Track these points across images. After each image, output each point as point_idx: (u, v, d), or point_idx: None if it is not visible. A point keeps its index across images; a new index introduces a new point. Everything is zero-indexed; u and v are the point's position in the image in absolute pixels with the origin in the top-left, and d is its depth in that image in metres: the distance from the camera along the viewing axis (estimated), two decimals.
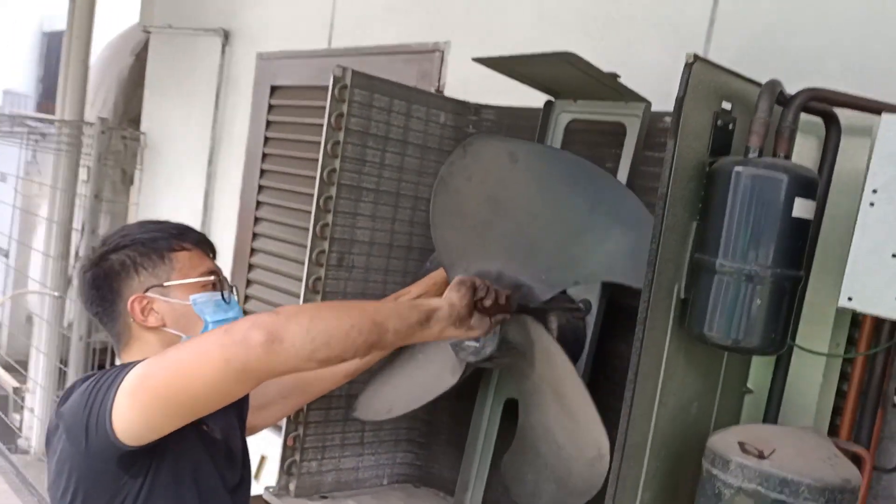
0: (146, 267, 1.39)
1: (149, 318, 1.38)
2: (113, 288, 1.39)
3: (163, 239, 1.40)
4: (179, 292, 1.39)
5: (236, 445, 1.51)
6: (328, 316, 1.20)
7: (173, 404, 1.18)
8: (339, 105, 1.78)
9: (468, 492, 1.75)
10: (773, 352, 1.17)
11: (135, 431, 1.19)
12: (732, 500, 1.12)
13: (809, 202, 1.13)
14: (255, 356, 1.12)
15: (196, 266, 1.42)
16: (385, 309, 1.28)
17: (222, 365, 1.13)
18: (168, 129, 3.89)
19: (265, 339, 1.12)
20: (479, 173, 1.57)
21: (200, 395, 1.17)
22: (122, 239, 1.40)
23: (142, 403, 1.18)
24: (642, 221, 1.43)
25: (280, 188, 3.16)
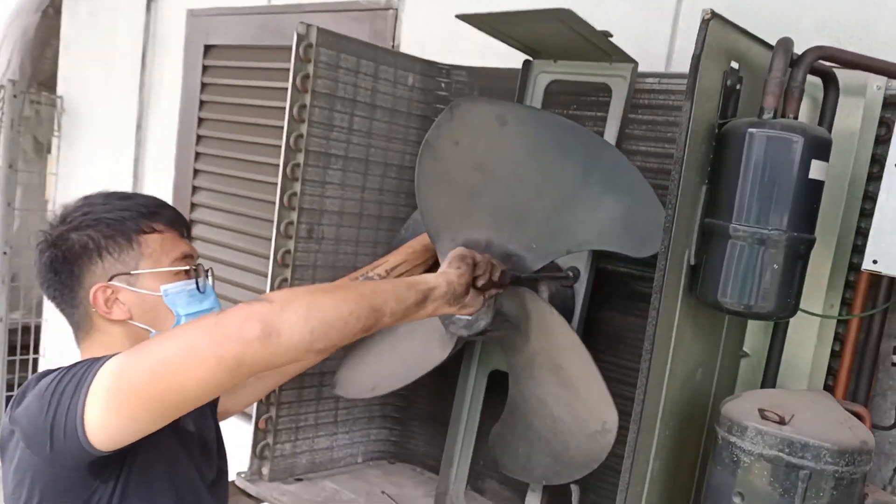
0: (111, 252, 1.25)
1: (113, 310, 1.25)
2: (73, 273, 1.25)
3: (131, 219, 1.26)
4: (149, 281, 1.27)
5: (210, 436, 1.41)
6: (326, 304, 1.09)
7: (158, 406, 1.06)
8: (304, 66, 1.66)
9: (453, 466, 1.70)
10: (787, 316, 1.16)
11: (111, 436, 1.07)
12: (751, 466, 1.10)
13: (825, 164, 1.11)
14: (251, 352, 1.02)
15: (168, 251, 1.29)
16: (382, 291, 1.19)
17: (215, 363, 1.02)
18: (88, 92, 3.62)
19: (261, 334, 1.01)
20: (467, 138, 1.49)
21: (190, 395, 1.06)
22: (84, 217, 1.25)
23: (121, 406, 1.06)
24: (636, 187, 1.39)
25: (220, 155, 2.99)
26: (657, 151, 1.59)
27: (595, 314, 1.62)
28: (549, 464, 1.46)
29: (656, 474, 1.24)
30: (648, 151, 1.60)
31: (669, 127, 1.58)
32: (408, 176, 1.88)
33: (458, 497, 1.70)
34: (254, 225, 2.82)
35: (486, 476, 1.82)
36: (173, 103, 3.13)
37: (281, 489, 1.74)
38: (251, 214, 2.84)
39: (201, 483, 1.33)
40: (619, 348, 1.62)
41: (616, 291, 1.65)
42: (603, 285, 1.62)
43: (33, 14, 4.76)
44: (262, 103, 2.79)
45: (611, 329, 1.64)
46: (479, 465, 1.81)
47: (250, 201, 2.84)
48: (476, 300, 1.34)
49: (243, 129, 2.88)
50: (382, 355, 1.63)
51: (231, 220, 2.90)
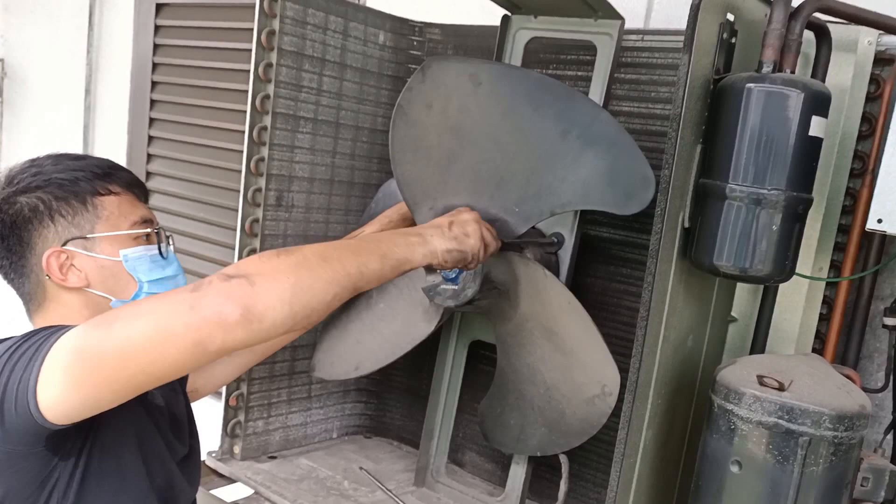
0: (64, 214, 1.14)
1: (69, 277, 1.15)
2: (22, 238, 1.14)
3: (85, 180, 1.15)
4: (107, 246, 1.16)
5: (180, 411, 1.33)
6: (313, 287, 1.00)
7: (124, 386, 0.98)
8: (269, 21, 1.57)
9: (434, 439, 1.66)
10: (783, 279, 1.12)
11: (69, 411, 0.98)
12: (749, 434, 1.07)
13: (824, 120, 1.07)
14: (232, 338, 0.93)
15: (127, 214, 1.19)
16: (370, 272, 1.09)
17: (191, 346, 0.93)
18: (32, 54, 3.42)
19: (241, 318, 0.93)
20: (440, 100, 1.41)
21: (158, 375, 0.98)
22: (34, 178, 1.14)
23: (80, 382, 0.96)
24: (617, 140, 1.34)
25: (175, 121, 2.86)
26: (641, 111, 1.54)
27: (577, 281, 1.57)
28: (544, 434, 1.42)
29: (649, 444, 1.21)
30: (632, 112, 1.55)
31: (653, 86, 1.53)
32: (380, 140, 1.80)
33: (440, 470, 1.66)
34: (216, 194, 2.71)
35: (466, 448, 1.78)
36: (124, 66, 2.97)
37: (254, 468, 1.68)
38: (212, 183, 2.73)
39: (171, 459, 1.24)
40: (602, 316, 1.58)
41: (599, 257, 1.60)
42: (585, 251, 1.57)
43: None
44: (220, 65, 2.66)
45: (594, 296, 1.60)
46: (459, 437, 1.77)
47: (210, 169, 2.72)
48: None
49: (201, 92, 2.75)
50: (363, 334, 1.56)
51: (191, 190, 2.79)
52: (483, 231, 1.30)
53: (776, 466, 1.06)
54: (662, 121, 1.51)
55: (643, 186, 1.29)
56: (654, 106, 1.53)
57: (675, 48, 1.49)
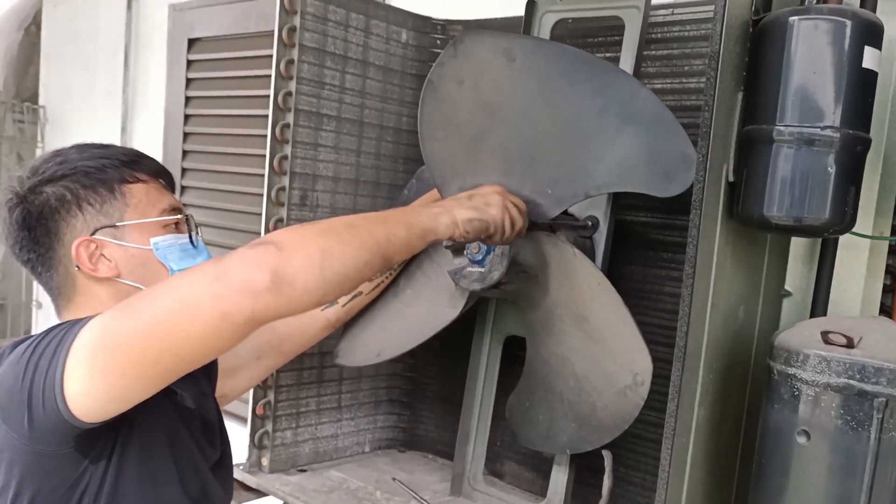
0: (92, 203, 1.11)
1: (99, 267, 1.11)
2: (49, 229, 1.10)
3: (112, 167, 1.13)
4: (136, 234, 1.13)
5: (212, 416, 1.27)
6: (344, 251, 0.96)
7: (151, 369, 0.92)
8: (290, 17, 1.55)
9: (470, 444, 1.56)
10: (844, 229, 1.03)
11: (97, 405, 0.93)
12: (816, 399, 0.97)
13: (878, 52, 0.99)
14: (262, 305, 0.88)
15: (155, 202, 1.16)
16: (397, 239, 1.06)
17: (219, 319, 0.88)
18: (71, 100, 3.50)
19: (272, 283, 0.88)
20: (472, 76, 1.36)
21: (187, 355, 0.92)
22: (59, 167, 1.10)
23: (106, 370, 0.91)
24: (657, 116, 1.26)
25: (208, 151, 2.87)
26: (674, 88, 1.47)
27: (615, 269, 1.48)
28: (574, 430, 1.32)
29: (702, 424, 1.11)
30: (665, 89, 1.48)
31: (686, 60, 1.46)
32: (405, 140, 1.76)
33: (476, 477, 1.56)
34: (244, 220, 2.70)
35: (504, 458, 1.67)
36: (158, 102, 3.01)
37: (283, 480, 1.59)
38: (245, 210, 2.71)
39: (204, 464, 1.18)
40: (642, 305, 1.48)
41: (636, 243, 1.51)
42: (622, 238, 1.49)
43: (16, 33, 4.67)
44: (249, 93, 2.68)
45: (633, 285, 1.50)
46: (497, 446, 1.67)
47: (242, 196, 2.71)
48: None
49: (231, 121, 2.77)
50: (388, 321, 1.49)
51: (223, 218, 2.77)
52: (507, 203, 1.23)
53: (849, 433, 0.95)
54: (698, 95, 1.44)
55: (684, 166, 1.21)
56: (688, 80, 1.45)
57: (706, 18, 1.43)
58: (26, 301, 4.28)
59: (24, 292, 4.31)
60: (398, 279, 1.50)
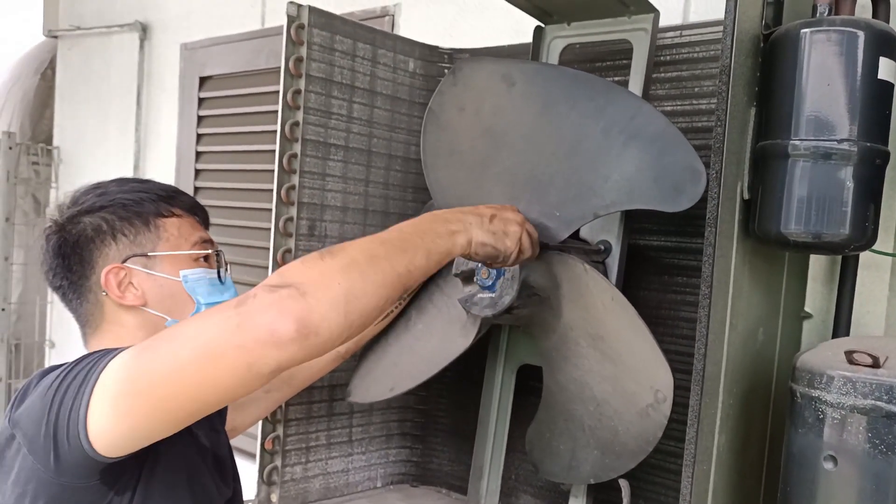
0: (126, 234, 1.13)
1: (126, 295, 1.12)
2: (83, 258, 1.12)
3: (149, 202, 1.16)
4: (167, 265, 1.15)
5: (224, 453, 1.26)
6: (366, 291, 0.92)
7: (174, 414, 0.91)
8: (296, 48, 1.55)
9: (484, 478, 1.51)
10: (865, 246, 0.99)
11: (119, 442, 0.92)
12: (843, 422, 0.92)
13: (893, 63, 0.96)
14: (287, 356, 0.85)
15: (188, 236, 1.18)
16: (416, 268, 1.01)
17: (244, 371, 0.85)
18: (85, 140, 3.54)
19: (297, 335, 0.84)
20: (472, 102, 1.36)
21: (211, 401, 0.90)
22: (98, 199, 1.13)
23: (130, 412, 0.90)
24: (663, 134, 1.25)
25: (219, 188, 2.88)
26: (684, 110, 1.46)
27: (629, 295, 1.44)
28: (597, 458, 1.27)
29: (723, 451, 1.06)
30: (675, 111, 1.46)
31: (696, 81, 1.44)
32: (414, 169, 1.75)
33: None
34: (257, 255, 2.69)
35: (520, 492, 1.63)
36: (170, 140, 3.04)
37: None
38: (254, 245, 2.71)
39: (219, 499, 1.18)
40: (659, 332, 1.44)
41: (650, 268, 1.48)
42: (635, 262, 1.46)
43: (32, 77, 4.76)
44: (260, 129, 2.69)
45: (647, 310, 1.46)
46: (512, 480, 1.62)
47: (253, 231, 2.71)
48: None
49: (242, 157, 2.78)
50: (400, 356, 1.46)
51: (234, 253, 2.76)
52: (523, 236, 1.21)
53: (878, 458, 0.90)
54: (709, 116, 1.42)
55: (693, 180, 1.19)
56: (698, 102, 1.44)
57: (716, 39, 1.41)
58: (39, 341, 4.29)
59: (37, 332, 4.32)
60: (410, 313, 1.47)
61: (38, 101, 4.67)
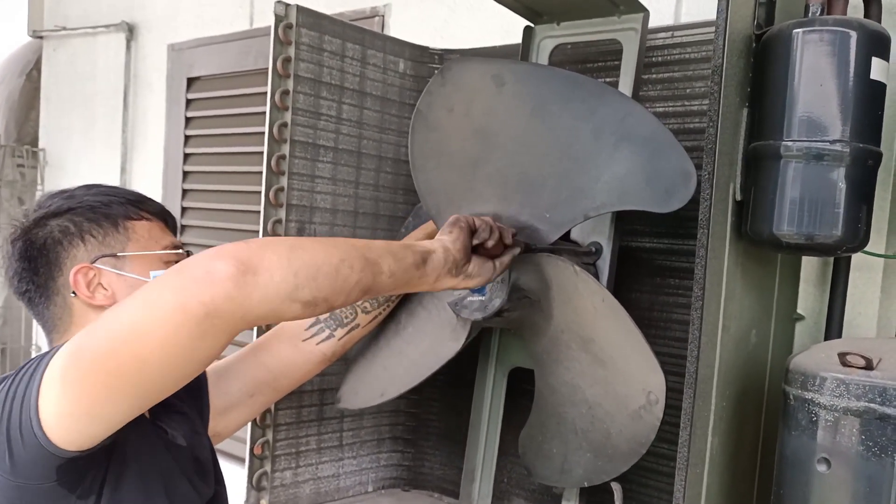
0: (95, 235, 1.11)
1: (95, 295, 1.09)
2: (50, 260, 1.10)
3: (118, 204, 1.13)
4: (137, 266, 1.12)
5: (204, 456, 1.23)
6: (312, 245, 0.93)
7: (123, 384, 0.87)
8: (284, 48, 1.53)
9: (476, 481, 1.50)
10: (857, 247, 0.99)
11: (75, 429, 0.89)
12: (837, 424, 0.92)
13: (886, 64, 0.96)
14: (222, 294, 0.82)
15: (158, 238, 1.16)
16: (377, 246, 1.00)
17: (180, 315, 0.82)
18: (71, 142, 3.50)
19: (235, 271, 0.82)
20: (462, 103, 1.34)
21: (154, 362, 0.86)
22: (65, 201, 1.11)
23: (77, 387, 0.87)
24: (654, 136, 1.24)
25: (207, 190, 2.85)
26: (676, 111, 1.45)
27: (620, 297, 1.43)
28: (589, 460, 1.27)
29: (716, 454, 1.06)
30: (667, 112, 1.46)
31: (688, 82, 1.44)
32: (404, 170, 1.73)
33: None
34: None
35: (512, 495, 1.62)
36: (158, 142, 3.01)
37: None
38: None
39: (199, 502, 1.15)
40: (650, 333, 1.42)
41: (642, 270, 1.48)
42: (627, 264, 1.45)
43: (17, 78, 4.71)
44: (248, 130, 2.67)
45: (639, 312, 1.45)
46: (504, 483, 1.61)
47: (241, 234, 2.69)
48: (483, 269, 1.16)
49: (230, 159, 2.76)
50: (390, 360, 1.44)
51: None
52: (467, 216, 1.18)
53: (872, 460, 0.90)
54: (700, 117, 1.41)
55: (684, 181, 1.18)
56: (690, 103, 1.43)
57: (707, 40, 1.41)
58: (26, 346, 4.25)
59: (23, 337, 4.29)
60: (400, 317, 1.46)
61: (24, 102, 4.62)
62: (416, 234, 1.52)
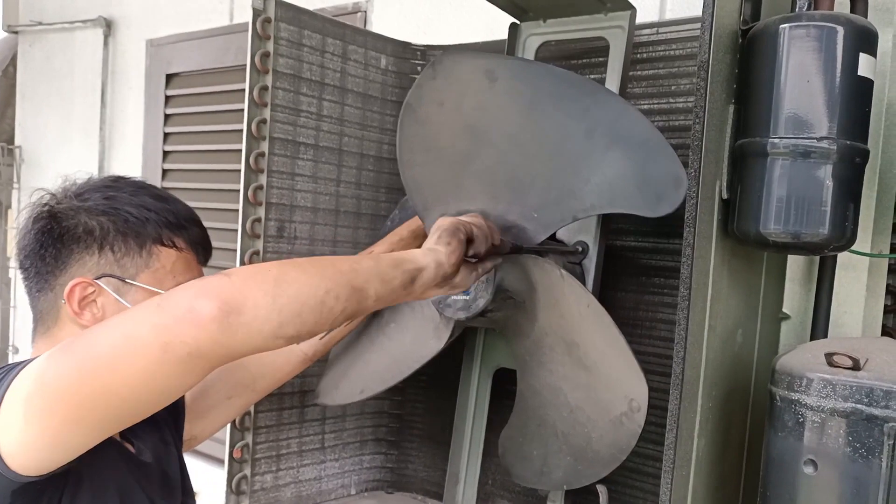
0: (115, 250, 1.05)
1: (84, 314, 1.04)
2: (60, 254, 1.04)
3: (154, 224, 1.07)
4: (139, 298, 1.05)
5: (173, 468, 1.18)
6: (297, 278, 0.88)
7: (92, 414, 0.83)
8: (263, 43, 1.50)
9: (460, 483, 1.48)
10: (844, 246, 0.98)
11: (35, 456, 0.85)
12: (823, 425, 0.91)
13: (873, 59, 0.95)
14: (206, 336, 0.79)
15: (178, 273, 1.10)
16: (365, 270, 0.96)
17: (159, 353, 0.79)
18: (47, 139, 3.44)
19: (218, 312, 0.79)
20: (453, 97, 1.32)
21: (130, 398, 0.83)
22: (105, 201, 1.05)
23: (42, 417, 0.83)
24: (647, 139, 1.22)
25: (187, 188, 2.81)
26: (662, 108, 1.44)
27: (606, 296, 1.43)
28: (569, 464, 1.25)
29: (702, 454, 1.04)
30: (652, 109, 1.44)
31: (673, 79, 1.42)
32: (387, 168, 1.71)
33: None
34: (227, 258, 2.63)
35: (496, 497, 1.60)
36: (136, 139, 2.96)
37: None
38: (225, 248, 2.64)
39: None
40: (636, 333, 1.43)
41: (628, 269, 1.46)
42: (613, 263, 1.43)
43: None
44: (228, 128, 2.63)
45: (625, 312, 1.44)
46: (488, 485, 1.59)
47: (223, 233, 2.64)
48: (468, 277, 1.12)
49: (210, 157, 2.72)
50: (371, 355, 1.42)
51: None
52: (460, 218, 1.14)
53: (859, 462, 0.89)
54: (686, 114, 1.40)
55: (674, 186, 1.16)
56: (675, 100, 1.42)
57: (693, 37, 1.40)
58: (2, 347, 4.17)
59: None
60: (383, 313, 1.43)
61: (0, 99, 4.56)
62: (401, 231, 1.50)
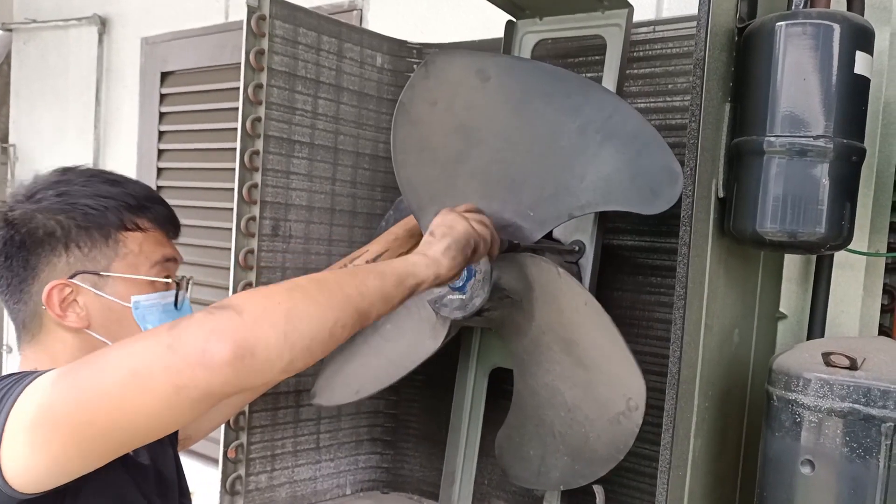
0: (81, 246, 1.02)
1: (68, 315, 1.02)
2: (28, 262, 1.02)
3: (114, 210, 1.04)
4: (119, 287, 1.05)
5: (169, 469, 1.17)
6: (310, 313, 0.86)
7: (96, 444, 0.83)
8: (257, 40, 1.49)
9: (456, 483, 1.48)
10: (841, 245, 0.97)
11: (37, 476, 0.84)
12: (821, 425, 0.90)
13: (870, 58, 0.94)
14: (220, 380, 0.79)
15: (148, 253, 1.07)
16: (371, 292, 0.95)
17: (172, 394, 0.79)
18: (42, 137, 3.43)
19: (232, 356, 0.78)
20: (445, 97, 1.32)
21: (139, 432, 0.84)
22: (57, 199, 1.02)
23: (47, 445, 0.82)
24: (641, 134, 1.22)
25: (182, 186, 2.80)
26: (658, 107, 1.43)
27: (603, 296, 1.42)
28: (566, 464, 1.24)
29: (699, 456, 1.04)
30: (649, 108, 1.44)
31: (669, 77, 1.42)
32: (382, 167, 1.70)
33: None
34: (220, 256, 2.62)
35: (492, 497, 1.59)
36: (131, 137, 2.95)
37: None
38: (218, 246, 2.64)
39: None
40: (632, 332, 1.42)
41: (624, 268, 1.46)
42: (609, 263, 1.43)
43: None
44: (223, 126, 2.62)
45: (622, 311, 1.44)
46: (484, 485, 1.58)
47: (217, 231, 2.64)
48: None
49: (205, 155, 2.71)
50: (368, 357, 1.41)
51: (197, 254, 2.69)
52: (461, 213, 1.14)
53: (856, 462, 0.88)
54: (682, 113, 1.40)
55: (670, 182, 1.16)
56: (672, 99, 1.41)
57: (689, 35, 1.39)
58: None
59: None
60: None
61: None
62: (397, 230, 1.49)
